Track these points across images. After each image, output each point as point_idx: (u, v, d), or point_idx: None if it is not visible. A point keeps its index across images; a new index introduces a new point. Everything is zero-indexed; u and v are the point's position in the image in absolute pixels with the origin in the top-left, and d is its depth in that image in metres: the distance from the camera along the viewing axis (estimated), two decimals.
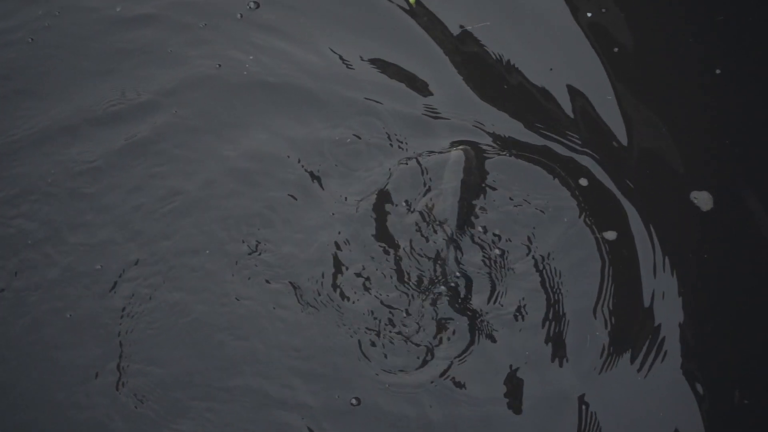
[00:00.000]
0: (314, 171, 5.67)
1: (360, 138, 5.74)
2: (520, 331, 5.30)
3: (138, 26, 6.03)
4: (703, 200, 5.58)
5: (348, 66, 5.98)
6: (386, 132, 5.76)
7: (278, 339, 5.27)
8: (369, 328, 5.28)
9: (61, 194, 5.56)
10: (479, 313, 5.32)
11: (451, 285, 5.37)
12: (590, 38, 6.02)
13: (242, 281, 5.40)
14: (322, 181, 5.64)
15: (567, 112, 5.84)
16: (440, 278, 5.38)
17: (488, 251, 5.44)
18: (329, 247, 5.47)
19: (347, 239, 5.50)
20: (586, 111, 5.85)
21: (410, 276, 5.39)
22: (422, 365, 5.23)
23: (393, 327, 5.28)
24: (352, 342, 5.26)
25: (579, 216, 5.53)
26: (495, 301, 5.35)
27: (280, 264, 5.43)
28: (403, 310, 5.32)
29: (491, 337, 5.28)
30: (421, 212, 5.55)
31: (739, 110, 5.81)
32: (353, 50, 6.04)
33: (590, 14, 6.07)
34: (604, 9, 6.08)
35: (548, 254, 5.43)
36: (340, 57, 6.01)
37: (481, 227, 5.50)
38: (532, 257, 5.42)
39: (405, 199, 5.59)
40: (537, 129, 5.79)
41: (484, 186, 5.59)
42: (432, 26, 6.12)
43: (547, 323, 5.31)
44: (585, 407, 5.15)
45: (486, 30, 6.06)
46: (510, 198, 5.56)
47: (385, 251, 5.45)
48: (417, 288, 5.36)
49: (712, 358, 5.26)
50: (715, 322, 5.32)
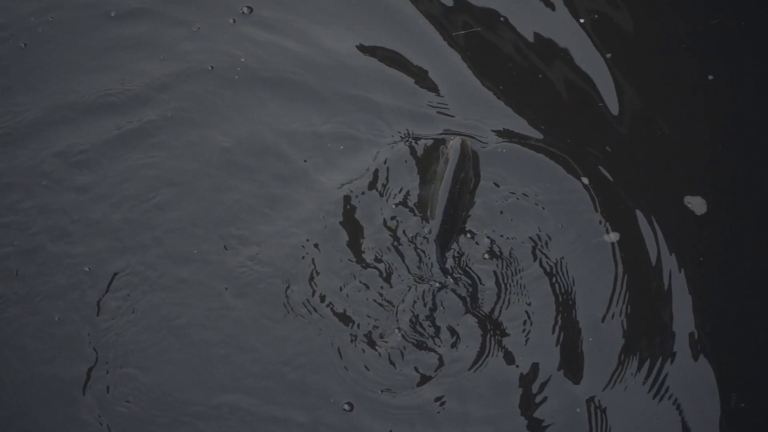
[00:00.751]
0: (308, 164, 5.65)
1: (355, 132, 5.74)
2: (520, 334, 5.29)
3: (132, 21, 6.04)
4: (697, 205, 5.57)
5: (345, 61, 5.97)
6: (382, 126, 5.76)
7: (266, 352, 5.24)
8: (357, 337, 5.25)
9: (51, 187, 5.54)
10: (475, 314, 5.29)
11: (436, 281, 5.33)
12: (582, 44, 6.02)
13: (232, 285, 5.37)
14: (316, 175, 5.63)
15: (559, 117, 5.84)
16: (425, 275, 5.35)
17: (479, 250, 5.42)
18: (317, 247, 5.46)
19: (335, 237, 5.48)
20: (577, 115, 5.85)
21: (397, 274, 5.36)
22: (421, 382, 5.20)
23: (381, 338, 5.25)
24: (351, 352, 5.24)
25: (573, 220, 5.52)
26: (482, 305, 5.33)
27: (271, 263, 5.41)
28: (396, 319, 5.28)
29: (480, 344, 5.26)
30: (411, 206, 5.52)
31: (732, 115, 5.81)
32: (350, 45, 6.04)
33: (583, 20, 6.08)
34: (596, 15, 6.09)
35: (544, 256, 5.42)
36: (336, 51, 6.01)
37: (473, 224, 5.48)
38: (527, 258, 5.41)
39: (395, 191, 5.56)
40: (530, 129, 5.79)
41: (478, 181, 5.57)
42: (434, 21, 6.13)
43: (538, 326, 5.30)
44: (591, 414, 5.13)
45: (486, 30, 6.08)
46: (505, 196, 5.56)
47: (374, 249, 5.43)
48: (403, 284, 5.34)
49: (711, 361, 5.22)
50: (716, 324, 5.32)
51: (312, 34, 6.04)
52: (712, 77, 5.88)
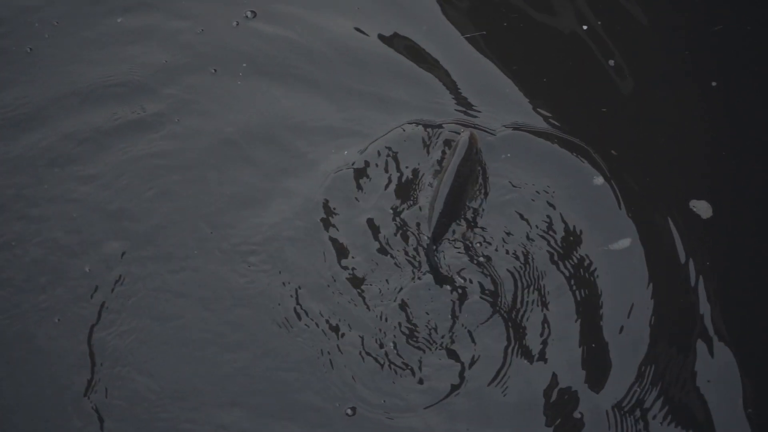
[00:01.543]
0: (311, 154, 5.67)
1: (361, 126, 5.75)
2: (518, 340, 5.25)
3: (137, 14, 6.06)
4: (703, 209, 5.56)
5: (358, 51, 6.00)
6: (387, 118, 5.76)
7: (267, 361, 5.19)
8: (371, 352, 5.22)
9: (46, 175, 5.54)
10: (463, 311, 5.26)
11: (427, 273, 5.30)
12: (585, 50, 6.02)
13: (234, 283, 5.34)
14: (317, 165, 5.64)
15: (565, 119, 5.84)
16: (419, 271, 5.32)
17: (477, 251, 5.39)
18: (324, 254, 5.43)
19: (336, 238, 5.46)
20: (581, 122, 5.84)
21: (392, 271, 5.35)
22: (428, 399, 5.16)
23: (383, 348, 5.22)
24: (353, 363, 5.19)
25: (575, 227, 5.50)
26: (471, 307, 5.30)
27: (271, 261, 5.39)
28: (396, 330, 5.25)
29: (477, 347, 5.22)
30: (411, 198, 5.51)
31: (736, 120, 5.82)
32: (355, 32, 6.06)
33: (586, 27, 6.09)
34: (600, 21, 6.09)
35: (556, 263, 5.41)
36: (342, 41, 6.03)
37: (477, 222, 5.46)
38: (527, 261, 5.39)
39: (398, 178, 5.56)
40: (533, 118, 5.81)
41: (483, 176, 5.55)
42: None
43: (538, 335, 5.25)
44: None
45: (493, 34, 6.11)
46: (512, 197, 5.55)
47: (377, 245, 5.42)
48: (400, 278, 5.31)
49: (716, 364, 5.19)
50: (722, 326, 5.29)
51: (317, 26, 6.08)
52: (716, 83, 5.89)
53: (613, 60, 5.98)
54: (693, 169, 5.70)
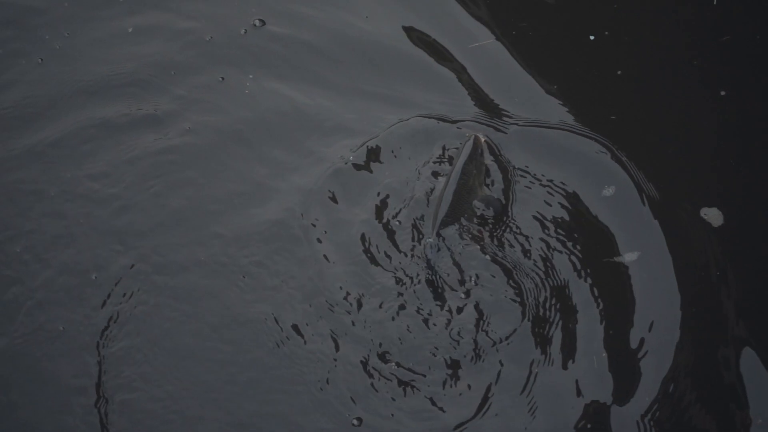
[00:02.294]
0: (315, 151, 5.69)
1: (370, 125, 5.77)
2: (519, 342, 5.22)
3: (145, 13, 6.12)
4: (714, 216, 5.52)
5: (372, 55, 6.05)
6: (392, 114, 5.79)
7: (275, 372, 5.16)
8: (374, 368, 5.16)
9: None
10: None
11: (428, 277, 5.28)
12: (593, 61, 6.02)
13: (241, 294, 5.30)
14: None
15: (570, 129, 5.83)
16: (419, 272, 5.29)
17: (493, 253, 5.37)
18: (326, 257, 5.42)
19: (338, 235, 5.46)
20: (590, 130, 5.82)
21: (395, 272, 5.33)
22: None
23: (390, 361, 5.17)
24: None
25: (584, 238, 5.46)
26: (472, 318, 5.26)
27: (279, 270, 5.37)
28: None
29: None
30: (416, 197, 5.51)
31: (745, 129, 5.81)
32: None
33: (593, 36, 6.09)
34: (608, 31, 6.10)
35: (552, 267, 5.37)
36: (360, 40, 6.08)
37: (482, 225, 5.45)
38: (534, 273, 5.35)
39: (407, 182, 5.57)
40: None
41: (490, 180, 5.53)
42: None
43: (552, 342, 5.21)
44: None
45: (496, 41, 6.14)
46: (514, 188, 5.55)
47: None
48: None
49: (726, 372, 5.13)
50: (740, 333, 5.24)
51: (327, 25, 6.14)
52: (725, 92, 5.89)
53: (620, 70, 5.98)
54: (704, 177, 5.67)
